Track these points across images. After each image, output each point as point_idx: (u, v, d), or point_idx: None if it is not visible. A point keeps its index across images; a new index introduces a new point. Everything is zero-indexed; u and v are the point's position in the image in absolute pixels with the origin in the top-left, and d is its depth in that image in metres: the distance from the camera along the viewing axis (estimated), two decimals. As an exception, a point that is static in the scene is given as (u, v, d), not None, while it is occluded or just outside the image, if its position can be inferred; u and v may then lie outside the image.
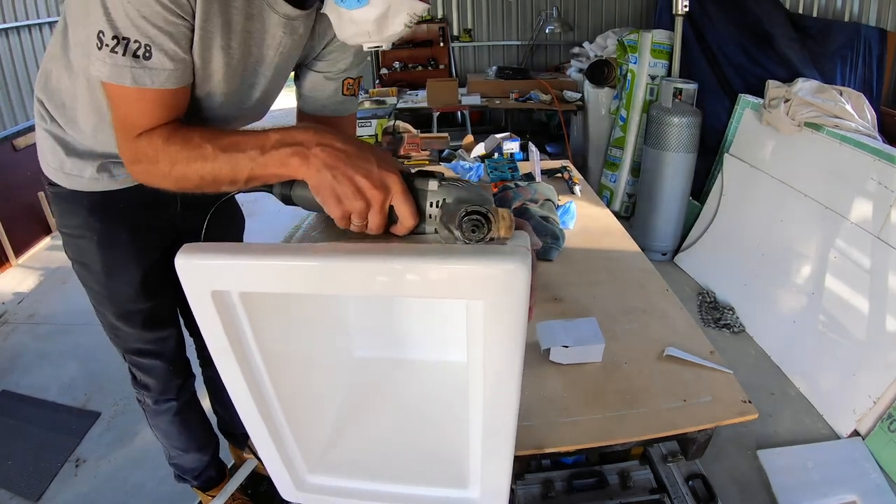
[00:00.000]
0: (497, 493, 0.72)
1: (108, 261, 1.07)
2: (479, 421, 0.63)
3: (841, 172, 2.22)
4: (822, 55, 2.92)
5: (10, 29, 4.06)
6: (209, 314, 0.56)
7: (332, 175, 0.60)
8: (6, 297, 2.90)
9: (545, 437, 0.90)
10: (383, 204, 0.60)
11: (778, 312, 2.35)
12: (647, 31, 3.24)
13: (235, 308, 0.57)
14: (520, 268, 0.49)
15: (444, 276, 0.51)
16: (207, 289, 0.54)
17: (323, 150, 0.60)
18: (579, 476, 1.46)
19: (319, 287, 0.55)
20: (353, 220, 0.62)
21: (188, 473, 1.48)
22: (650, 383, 1.01)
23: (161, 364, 1.24)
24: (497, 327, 0.53)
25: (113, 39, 0.64)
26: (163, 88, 0.68)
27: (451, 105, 4.26)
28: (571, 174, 2.04)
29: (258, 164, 0.63)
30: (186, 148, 0.68)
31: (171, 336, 1.23)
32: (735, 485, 1.71)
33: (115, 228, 1.05)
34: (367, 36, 0.70)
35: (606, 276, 1.37)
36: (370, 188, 0.59)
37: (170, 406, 1.31)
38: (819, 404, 2.01)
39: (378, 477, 0.76)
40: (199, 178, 0.68)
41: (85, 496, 1.76)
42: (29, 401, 2.16)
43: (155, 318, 1.17)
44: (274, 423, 0.68)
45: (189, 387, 1.33)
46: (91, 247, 1.06)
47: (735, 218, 2.76)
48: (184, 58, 0.69)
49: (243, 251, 0.54)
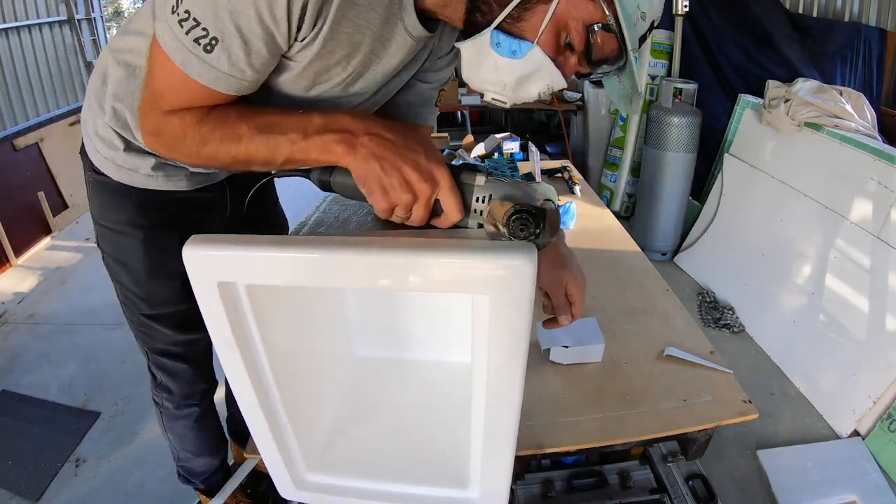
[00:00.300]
0: (497, 494, 0.72)
1: (150, 261, 1.02)
2: (480, 419, 0.63)
3: (841, 172, 2.22)
4: (822, 55, 2.92)
5: (10, 29, 4.05)
6: (214, 306, 0.56)
7: (381, 166, 0.57)
8: (6, 297, 2.90)
9: (545, 436, 0.90)
10: (430, 197, 0.59)
11: (778, 312, 2.35)
12: (647, 31, 3.24)
13: (241, 301, 0.57)
14: (525, 263, 0.49)
15: (451, 270, 0.51)
16: (213, 280, 0.55)
17: (371, 140, 0.58)
18: (579, 476, 1.46)
19: (326, 280, 0.55)
20: (398, 211, 0.60)
21: (196, 476, 1.46)
22: (650, 383, 1.01)
23: (188, 368, 1.19)
24: (502, 323, 0.53)
25: (186, 13, 0.57)
26: (206, 85, 0.61)
27: (451, 105, 4.26)
28: (571, 174, 2.04)
29: (298, 149, 0.60)
30: (222, 128, 0.63)
31: (201, 339, 1.17)
32: (735, 485, 1.71)
33: (163, 230, 0.99)
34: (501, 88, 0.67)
35: (606, 276, 1.37)
36: (419, 181, 0.57)
37: (191, 411, 1.27)
38: (819, 404, 2.01)
39: (378, 476, 0.76)
40: (231, 159, 0.63)
41: (85, 496, 1.76)
42: (29, 401, 2.16)
43: (189, 321, 1.12)
44: (275, 419, 0.68)
45: (212, 393, 1.30)
46: (134, 245, 1.00)
47: (735, 218, 2.76)
48: (244, 70, 0.61)
49: (250, 243, 0.54)
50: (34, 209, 3.28)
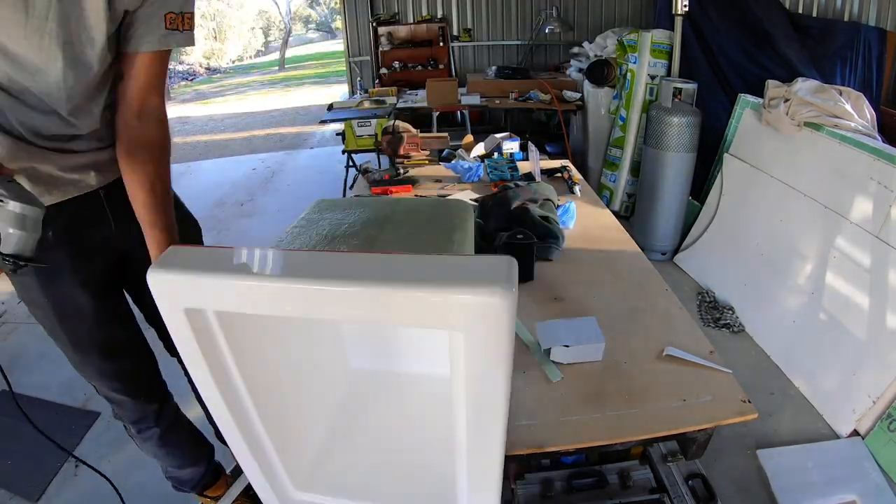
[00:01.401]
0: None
1: (52, 292, 1.00)
2: (463, 452, 0.60)
3: (841, 172, 2.22)
4: (822, 55, 2.92)
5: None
6: (183, 332, 0.54)
7: None
8: (6, 297, 2.90)
9: (545, 436, 0.90)
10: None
11: (778, 312, 2.35)
12: (647, 30, 3.24)
13: (211, 326, 0.54)
14: (504, 296, 0.44)
15: (422, 304, 0.46)
16: (181, 306, 0.52)
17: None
18: (579, 476, 1.46)
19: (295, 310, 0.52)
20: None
21: (185, 484, 1.48)
22: (650, 383, 1.01)
23: (128, 397, 1.19)
24: (478, 359, 0.48)
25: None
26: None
27: (451, 105, 4.26)
28: (571, 174, 2.04)
29: None
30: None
31: (133, 367, 1.17)
32: (735, 485, 1.71)
33: (53, 257, 0.96)
34: None
35: (606, 276, 1.37)
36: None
37: (152, 433, 1.27)
38: (819, 404, 2.01)
39: (365, 497, 0.74)
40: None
41: (85, 496, 1.76)
42: (29, 401, 2.16)
43: (113, 348, 1.11)
44: (256, 440, 0.65)
45: (168, 411, 1.29)
46: (32, 282, 0.98)
47: (735, 218, 2.76)
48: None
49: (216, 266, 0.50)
50: (34, 209, 3.27)
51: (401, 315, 0.48)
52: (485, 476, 0.61)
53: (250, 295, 0.50)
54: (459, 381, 0.52)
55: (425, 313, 0.47)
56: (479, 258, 0.50)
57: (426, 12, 5.17)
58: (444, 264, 0.48)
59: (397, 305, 0.47)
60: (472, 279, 0.45)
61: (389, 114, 3.95)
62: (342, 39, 5.49)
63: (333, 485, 0.75)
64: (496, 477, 0.62)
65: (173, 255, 0.52)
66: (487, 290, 0.44)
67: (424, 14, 5.16)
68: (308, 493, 0.75)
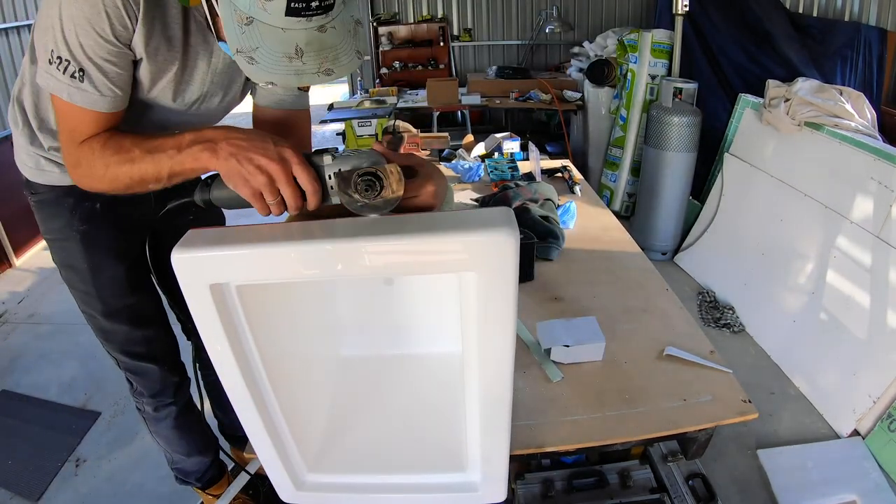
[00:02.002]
0: (496, 474, 0.73)
1: (92, 258, 1.12)
2: (475, 397, 0.65)
3: (841, 172, 2.22)
4: (822, 55, 2.92)
5: (10, 29, 4.05)
6: (206, 309, 0.56)
7: (237, 160, 0.66)
8: (6, 297, 2.90)
9: (545, 436, 0.90)
10: (285, 175, 0.65)
11: (778, 312, 2.35)
12: (647, 30, 3.24)
13: (233, 303, 0.58)
14: (508, 237, 0.52)
15: (437, 250, 0.53)
16: (205, 282, 0.55)
17: (228, 143, 0.68)
18: (579, 475, 1.46)
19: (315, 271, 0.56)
20: (266, 197, 0.67)
21: (190, 476, 1.49)
22: (650, 383, 1.01)
23: (153, 366, 1.25)
24: (489, 296, 0.55)
25: (57, 59, 0.74)
26: (89, 109, 0.77)
27: (451, 105, 4.26)
28: (571, 174, 2.04)
29: (176, 162, 0.72)
30: (119, 153, 0.76)
31: (159, 335, 1.25)
32: (735, 484, 1.71)
33: (97, 228, 1.10)
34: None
35: (606, 276, 1.37)
36: (269, 163, 0.65)
37: (169, 411, 1.31)
38: (819, 404, 2.01)
39: (378, 469, 0.77)
40: (129, 179, 0.76)
41: (85, 496, 1.76)
42: (29, 401, 2.16)
43: (142, 315, 1.20)
44: (272, 422, 0.68)
45: (186, 389, 1.34)
46: (75, 247, 1.11)
47: (735, 218, 2.76)
48: (111, 88, 0.78)
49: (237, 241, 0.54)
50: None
51: (421, 264, 0.55)
52: (496, 418, 0.66)
53: (275, 262, 0.55)
54: (471, 324, 0.58)
55: (443, 259, 0.54)
56: (480, 211, 0.57)
57: (426, 12, 5.16)
58: (452, 218, 0.56)
59: (417, 255, 0.54)
60: (480, 225, 0.53)
61: (390, 114, 3.95)
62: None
63: (344, 462, 0.78)
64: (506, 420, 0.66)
65: (195, 236, 0.56)
66: (496, 232, 0.51)
67: (424, 14, 5.16)
68: (320, 474, 0.77)
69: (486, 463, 0.72)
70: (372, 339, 0.92)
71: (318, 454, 0.77)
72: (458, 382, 0.77)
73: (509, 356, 0.60)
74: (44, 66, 0.76)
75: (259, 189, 0.66)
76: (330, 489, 0.77)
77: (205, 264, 0.54)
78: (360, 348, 0.92)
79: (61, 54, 0.74)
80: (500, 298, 0.55)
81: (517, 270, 0.53)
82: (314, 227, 0.57)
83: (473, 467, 0.74)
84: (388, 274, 0.69)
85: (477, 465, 0.73)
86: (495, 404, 0.65)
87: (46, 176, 1.06)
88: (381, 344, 0.91)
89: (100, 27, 0.73)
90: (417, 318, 0.89)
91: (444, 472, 0.75)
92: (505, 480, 0.75)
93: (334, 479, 0.77)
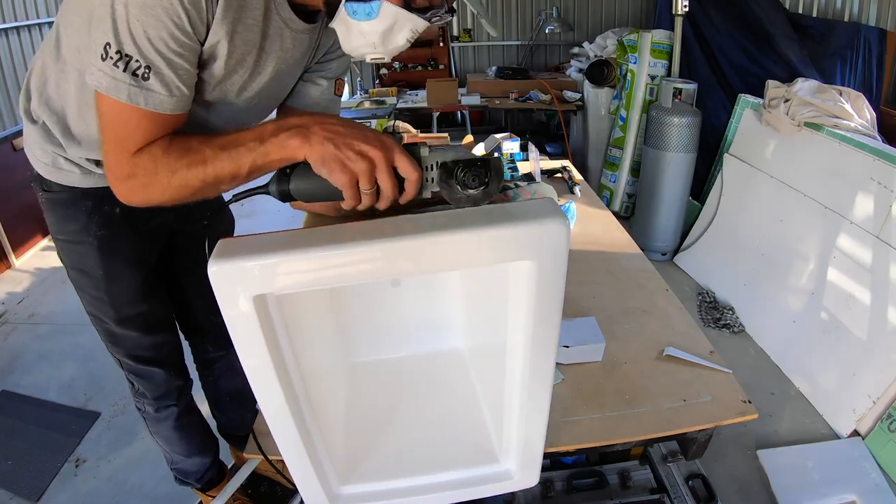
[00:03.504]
0: (532, 461, 0.73)
1: (108, 266, 1.06)
2: (517, 386, 0.65)
3: (841, 172, 2.22)
4: (822, 55, 2.92)
5: (10, 29, 4.05)
6: (248, 321, 0.53)
7: (334, 144, 0.63)
8: (6, 297, 2.90)
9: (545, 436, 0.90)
10: (386, 162, 0.63)
11: (778, 312, 2.35)
12: (647, 31, 3.24)
13: (276, 313, 0.56)
14: (560, 226, 0.53)
15: (492, 242, 0.54)
16: (247, 294, 0.52)
17: (321, 127, 0.64)
18: (579, 476, 1.46)
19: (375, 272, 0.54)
20: (362, 185, 0.64)
21: (190, 477, 1.48)
22: (650, 383, 1.01)
23: (160, 371, 1.23)
24: (544, 284, 0.56)
25: (116, 54, 0.65)
26: (155, 111, 0.69)
27: (451, 105, 4.26)
28: (571, 174, 2.04)
29: (259, 154, 0.66)
30: (186, 154, 0.69)
31: (168, 340, 1.23)
32: (735, 485, 1.71)
33: (116, 234, 1.05)
34: (373, 48, 0.75)
35: (606, 276, 1.37)
36: (371, 148, 0.63)
37: (170, 412, 1.30)
38: (819, 404, 2.01)
39: (408, 472, 0.76)
40: (202, 182, 0.69)
41: (85, 496, 1.76)
42: (29, 401, 2.16)
43: (153, 322, 1.17)
44: (309, 434, 0.66)
45: (188, 391, 1.33)
46: (91, 252, 1.05)
47: (735, 218, 2.76)
48: (179, 87, 0.70)
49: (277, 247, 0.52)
50: (34, 209, 3.24)
51: (479, 256, 0.55)
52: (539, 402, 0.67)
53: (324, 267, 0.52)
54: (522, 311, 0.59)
55: (500, 250, 0.54)
56: (529, 202, 0.57)
57: (426, 12, 5.16)
58: (509, 210, 0.56)
59: (474, 247, 0.54)
60: (534, 215, 0.54)
61: (389, 114, 3.95)
62: (342, 39, 5.48)
63: (373, 470, 0.76)
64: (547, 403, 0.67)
65: (228, 247, 0.52)
66: (551, 220, 0.53)
67: (424, 14, 5.16)
68: (352, 485, 0.75)
69: (525, 448, 0.72)
70: (382, 343, 0.91)
71: (345, 465, 0.76)
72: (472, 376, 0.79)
73: (556, 340, 0.61)
74: (97, 65, 0.66)
75: (357, 175, 0.63)
76: (363, 499, 0.75)
77: (248, 274, 0.51)
78: (373, 353, 0.92)
79: (122, 49, 0.64)
80: (553, 285, 0.57)
81: (567, 258, 0.55)
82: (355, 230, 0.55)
83: (507, 456, 0.74)
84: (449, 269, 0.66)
85: (512, 453, 0.73)
86: (540, 389, 0.65)
87: (64, 176, 0.99)
88: (391, 347, 0.91)
89: (174, 16, 0.65)
90: (424, 318, 0.89)
91: (477, 466, 0.75)
92: (539, 465, 0.75)
93: (367, 487, 0.75)
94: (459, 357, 0.90)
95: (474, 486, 0.75)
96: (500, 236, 0.53)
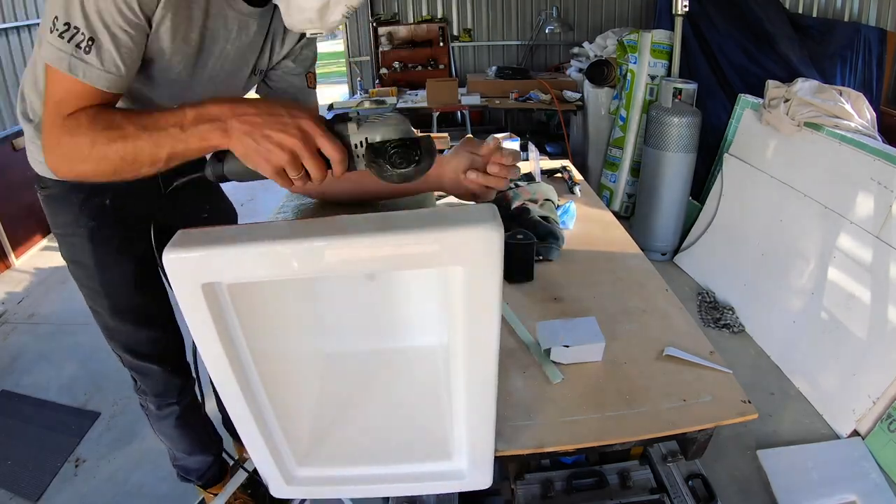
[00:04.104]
0: (482, 463, 0.75)
1: (99, 255, 1.09)
2: (462, 388, 0.66)
3: (841, 172, 2.22)
4: (822, 55, 2.92)
5: (10, 29, 4.05)
6: (198, 308, 0.56)
7: (253, 139, 0.63)
8: (6, 297, 2.90)
9: (545, 436, 0.90)
10: (308, 149, 0.63)
11: (778, 312, 2.35)
12: (647, 31, 3.24)
13: (225, 302, 0.58)
14: (493, 232, 0.54)
15: (425, 246, 0.55)
16: (196, 282, 0.55)
17: (239, 120, 0.63)
18: (579, 476, 1.46)
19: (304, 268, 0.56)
20: (289, 173, 0.64)
21: (192, 474, 1.49)
22: (650, 383, 1.01)
23: (157, 367, 1.23)
24: (475, 289, 0.57)
25: (64, 25, 0.67)
26: (91, 85, 0.70)
27: (451, 105, 4.26)
28: (571, 174, 2.04)
29: (179, 141, 0.66)
30: (109, 128, 0.69)
31: (165, 336, 1.23)
32: (735, 485, 1.71)
33: (105, 224, 1.08)
34: (311, 23, 0.77)
35: (606, 276, 1.37)
36: (289, 138, 0.62)
37: (172, 410, 1.30)
38: (819, 404, 2.01)
39: (366, 461, 0.78)
40: (119, 159, 0.68)
41: (85, 496, 1.76)
42: (29, 401, 2.16)
43: (148, 316, 1.18)
44: (263, 419, 0.68)
45: (190, 390, 1.33)
46: (82, 242, 1.08)
47: (735, 218, 2.76)
48: (118, 65, 0.71)
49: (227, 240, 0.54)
50: (34, 209, 3.25)
51: (410, 259, 0.56)
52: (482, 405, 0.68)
53: (264, 260, 0.55)
54: (458, 315, 0.59)
55: (431, 254, 0.55)
56: (465, 207, 0.58)
57: (426, 12, 5.17)
58: (438, 214, 0.57)
59: (406, 251, 0.55)
60: (467, 220, 0.54)
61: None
62: (342, 40, 5.49)
63: (332, 456, 0.79)
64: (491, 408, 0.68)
65: (185, 237, 0.55)
66: (482, 227, 0.53)
67: (424, 14, 5.16)
68: (309, 468, 0.78)
69: (473, 450, 0.74)
70: (356, 334, 0.93)
71: (306, 449, 0.78)
72: (441, 373, 0.80)
73: (495, 346, 0.62)
74: (45, 37, 0.68)
75: (282, 166, 0.63)
76: (319, 482, 0.78)
77: (195, 264, 0.54)
78: (345, 343, 0.93)
79: (70, 20, 0.67)
80: (486, 291, 0.57)
81: (501, 264, 0.55)
82: (303, 226, 0.58)
83: (459, 455, 0.75)
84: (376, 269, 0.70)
85: (463, 453, 0.75)
86: (482, 392, 0.66)
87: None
88: (365, 338, 0.93)
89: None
90: (401, 312, 0.91)
91: (431, 461, 0.77)
92: (491, 467, 0.76)
93: (323, 472, 0.78)
94: (433, 354, 0.92)
95: (426, 481, 0.77)
96: (430, 240, 0.54)
